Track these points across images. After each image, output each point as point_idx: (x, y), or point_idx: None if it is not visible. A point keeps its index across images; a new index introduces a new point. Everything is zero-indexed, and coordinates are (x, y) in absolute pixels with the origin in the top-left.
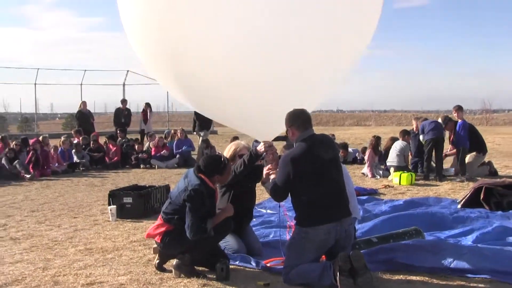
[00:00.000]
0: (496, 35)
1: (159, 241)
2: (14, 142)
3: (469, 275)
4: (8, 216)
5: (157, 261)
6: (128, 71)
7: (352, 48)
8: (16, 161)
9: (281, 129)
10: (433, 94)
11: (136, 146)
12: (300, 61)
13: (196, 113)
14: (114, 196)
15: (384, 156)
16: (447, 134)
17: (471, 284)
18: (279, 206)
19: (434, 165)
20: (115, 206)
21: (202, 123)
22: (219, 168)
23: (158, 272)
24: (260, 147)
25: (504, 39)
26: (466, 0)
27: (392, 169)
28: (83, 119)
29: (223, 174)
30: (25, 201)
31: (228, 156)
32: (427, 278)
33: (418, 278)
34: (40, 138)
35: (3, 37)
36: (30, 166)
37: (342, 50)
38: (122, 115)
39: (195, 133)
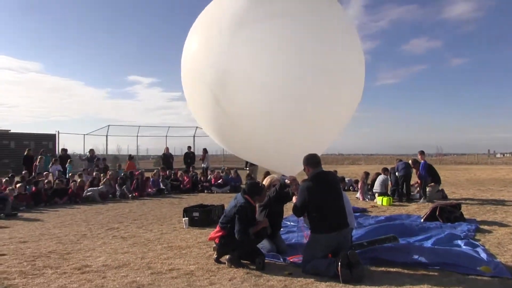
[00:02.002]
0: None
1: (217, 242)
2: (123, 174)
3: (429, 267)
4: (119, 222)
5: (215, 256)
6: (196, 127)
7: (342, 116)
8: (124, 186)
9: (300, 168)
10: (403, 142)
11: (201, 178)
12: (312, 125)
13: None
14: (187, 211)
15: (371, 185)
16: (414, 171)
17: (430, 273)
18: (298, 220)
19: (405, 192)
20: (187, 218)
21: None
22: (258, 191)
23: (216, 263)
24: (287, 180)
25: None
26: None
27: (376, 194)
28: (166, 159)
29: (260, 195)
30: (129, 213)
31: (265, 185)
32: (400, 270)
33: (394, 269)
34: (140, 171)
35: (119, 106)
36: (132, 189)
37: (339, 117)
38: (189, 157)
39: (246, 168)
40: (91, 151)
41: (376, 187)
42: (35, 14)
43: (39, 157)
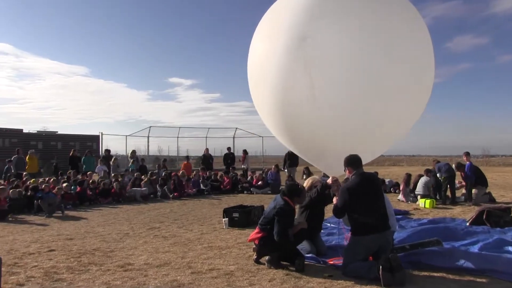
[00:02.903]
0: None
1: (257, 243)
2: (164, 174)
3: (476, 274)
4: (160, 222)
5: (255, 256)
6: (236, 128)
7: (406, 120)
8: (165, 186)
9: (342, 169)
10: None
11: (241, 179)
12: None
13: (287, 155)
14: (227, 212)
15: (413, 187)
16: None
17: (477, 280)
18: (339, 222)
19: (448, 194)
20: (227, 218)
21: (291, 162)
22: (297, 193)
23: (256, 264)
24: (329, 181)
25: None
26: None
27: (419, 197)
28: (206, 160)
29: (300, 196)
30: (170, 213)
31: (306, 186)
32: (445, 275)
33: (439, 274)
34: (179, 173)
35: (160, 107)
36: (172, 189)
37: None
38: (229, 158)
39: (284, 170)
40: (133, 152)
41: (419, 189)
42: (83, 21)
43: (83, 157)
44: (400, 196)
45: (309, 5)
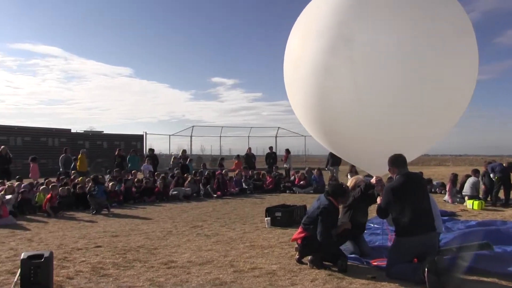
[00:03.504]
0: None
1: (299, 242)
2: (207, 174)
3: None
4: (203, 220)
5: (297, 256)
6: (278, 127)
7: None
8: (208, 185)
9: (386, 169)
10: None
11: (284, 178)
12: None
13: (330, 154)
14: (269, 211)
15: (460, 188)
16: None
17: None
18: (383, 222)
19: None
20: (269, 217)
21: (334, 162)
22: (342, 192)
23: (298, 264)
24: (373, 180)
25: None
26: None
27: (466, 198)
28: (249, 159)
29: (344, 196)
30: (213, 212)
31: (350, 186)
32: (497, 280)
33: (489, 279)
34: (223, 171)
35: (203, 107)
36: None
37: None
38: (271, 157)
39: (327, 168)
40: (183, 151)
41: (466, 189)
42: (127, 24)
43: (128, 156)
44: (446, 197)
45: (347, 3)
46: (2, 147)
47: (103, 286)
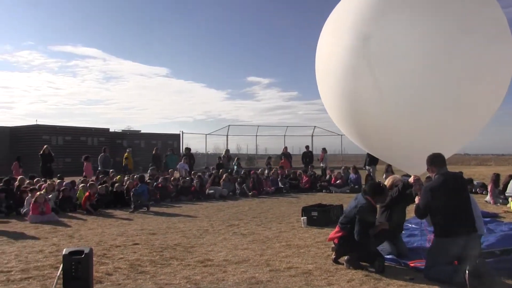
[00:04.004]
0: None
1: (336, 242)
2: (242, 173)
3: None
4: (239, 219)
5: (334, 256)
6: (315, 126)
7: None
8: (243, 185)
9: (425, 168)
10: None
11: (320, 177)
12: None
13: (368, 153)
14: (305, 210)
15: (503, 188)
16: None
17: None
18: (421, 223)
19: None
20: (306, 217)
21: (371, 161)
22: (379, 192)
23: (334, 264)
24: (410, 179)
25: None
26: None
27: (510, 199)
28: (285, 158)
29: (382, 196)
30: (249, 211)
31: (387, 185)
32: None
33: None
34: (259, 170)
35: (239, 106)
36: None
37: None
38: (307, 156)
39: (364, 168)
40: (227, 151)
41: (510, 190)
42: (163, 24)
43: (165, 155)
44: (488, 198)
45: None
46: (45, 146)
47: (140, 283)
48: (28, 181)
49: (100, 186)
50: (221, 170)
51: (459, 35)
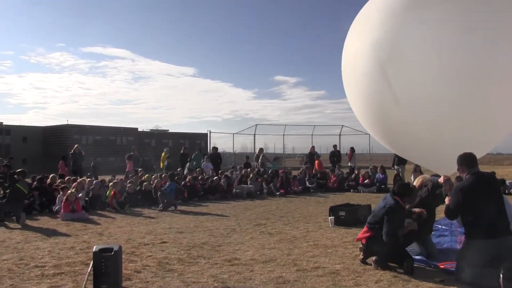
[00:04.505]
0: None
1: (364, 242)
2: (270, 172)
3: None
4: (266, 218)
5: (361, 256)
6: (342, 125)
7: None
8: (271, 184)
9: (455, 168)
10: None
11: (348, 177)
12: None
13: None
14: (333, 210)
15: None
16: None
17: None
18: (451, 224)
19: None
20: (333, 217)
21: (400, 160)
22: (408, 192)
23: (362, 264)
24: (440, 180)
25: None
26: None
27: None
28: (312, 157)
29: (411, 196)
30: (276, 210)
31: (416, 185)
32: None
33: None
34: (287, 170)
35: (266, 105)
36: (278, 186)
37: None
38: (335, 155)
39: (393, 167)
40: (260, 150)
41: None
42: (190, 25)
43: (193, 154)
44: None
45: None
46: (75, 145)
47: (168, 280)
48: (59, 180)
49: (129, 185)
50: (249, 170)
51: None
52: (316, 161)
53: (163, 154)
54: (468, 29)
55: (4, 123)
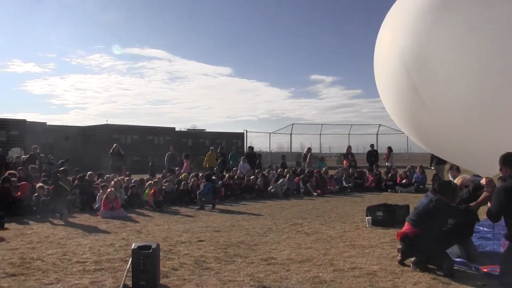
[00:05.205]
0: None
1: (402, 238)
2: (306, 171)
3: None
4: (303, 218)
5: (399, 258)
6: (380, 125)
7: None
8: (307, 183)
9: (497, 168)
10: None
11: (385, 176)
12: None
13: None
14: (370, 210)
15: None
16: None
17: None
18: (494, 226)
19: None
20: (370, 217)
21: (439, 160)
22: (450, 191)
23: (400, 265)
24: (483, 181)
25: None
26: None
27: None
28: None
29: (452, 195)
30: (312, 210)
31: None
32: None
33: None
34: (323, 170)
35: (302, 105)
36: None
37: None
38: (372, 155)
39: (431, 167)
40: (308, 149)
41: None
42: (225, 24)
43: (230, 154)
44: None
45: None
46: (114, 145)
47: (205, 278)
48: (99, 179)
49: (166, 184)
50: (285, 169)
51: None
52: (344, 161)
53: (208, 153)
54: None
55: (47, 123)
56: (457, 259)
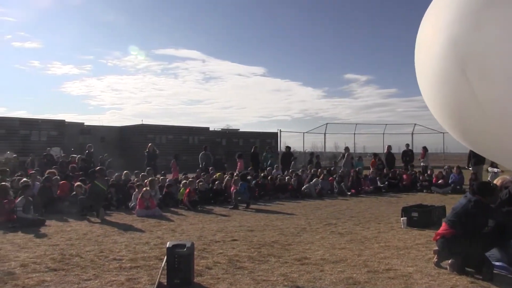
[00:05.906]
0: None
1: (438, 239)
2: (340, 171)
3: None
4: (337, 218)
5: (435, 260)
6: (415, 124)
7: None
8: (342, 183)
9: None
10: None
11: (421, 176)
12: None
13: (471, 151)
14: (405, 211)
15: None
16: None
17: None
18: None
19: None
20: (405, 217)
21: (477, 160)
22: (490, 191)
23: (436, 268)
24: None
25: None
26: None
27: None
28: (388, 158)
29: (492, 196)
30: (347, 210)
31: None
32: None
33: None
34: (357, 169)
35: (336, 104)
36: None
37: None
38: (407, 155)
39: (469, 167)
40: (347, 148)
41: None
42: (260, 24)
43: (264, 153)
44: None
45: None
46: (149, 144)
47: (239, 278)
48: (136, 178)
49: (201, 184)
50: (319, 170)
51: None
52: (372, 161)
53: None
54: None
55: (85, 123)
56: (497, 263)
